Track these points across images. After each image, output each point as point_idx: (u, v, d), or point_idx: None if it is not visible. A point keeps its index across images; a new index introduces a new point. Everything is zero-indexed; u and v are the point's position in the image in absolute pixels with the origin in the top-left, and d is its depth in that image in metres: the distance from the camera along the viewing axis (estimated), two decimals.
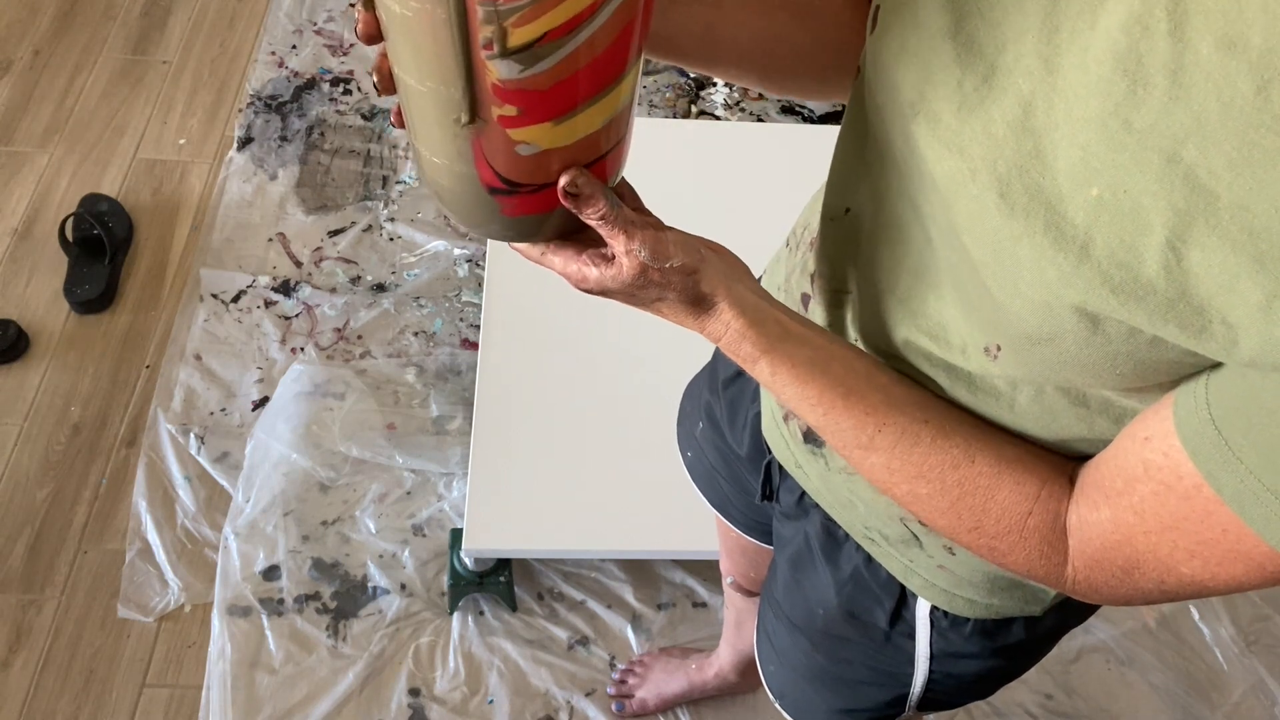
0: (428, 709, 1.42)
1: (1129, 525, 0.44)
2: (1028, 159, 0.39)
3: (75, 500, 1.58)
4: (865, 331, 0.59)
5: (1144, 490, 0.43)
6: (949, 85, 0.43)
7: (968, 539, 0.51)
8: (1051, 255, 0.39)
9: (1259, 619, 1.58)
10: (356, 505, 1.59)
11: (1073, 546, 0.47)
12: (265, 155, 2.03)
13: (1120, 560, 0.45)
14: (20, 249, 1.86)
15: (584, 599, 1.53)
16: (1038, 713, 1.48)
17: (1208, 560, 0.41)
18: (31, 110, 2.07)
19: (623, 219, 0.49)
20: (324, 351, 1.76)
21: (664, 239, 0.49)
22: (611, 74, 0.45)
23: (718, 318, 0.51)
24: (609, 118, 0.47)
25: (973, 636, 0.68)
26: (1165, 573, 0.43)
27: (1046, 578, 0.49)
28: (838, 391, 0.51)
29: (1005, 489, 0.49)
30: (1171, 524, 0.42)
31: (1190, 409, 0.40)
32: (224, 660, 1.44)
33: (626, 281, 0.50)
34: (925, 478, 0.50)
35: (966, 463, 0.50)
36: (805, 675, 0.82)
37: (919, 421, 0.50)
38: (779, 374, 0.51)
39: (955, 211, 0.44)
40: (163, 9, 2.28)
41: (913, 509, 0.52)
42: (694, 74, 2.23)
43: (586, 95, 0.44)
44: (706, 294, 0.51)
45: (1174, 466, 0.41)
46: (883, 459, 0.51)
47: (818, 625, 0.76)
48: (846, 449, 0.52)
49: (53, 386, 1.70)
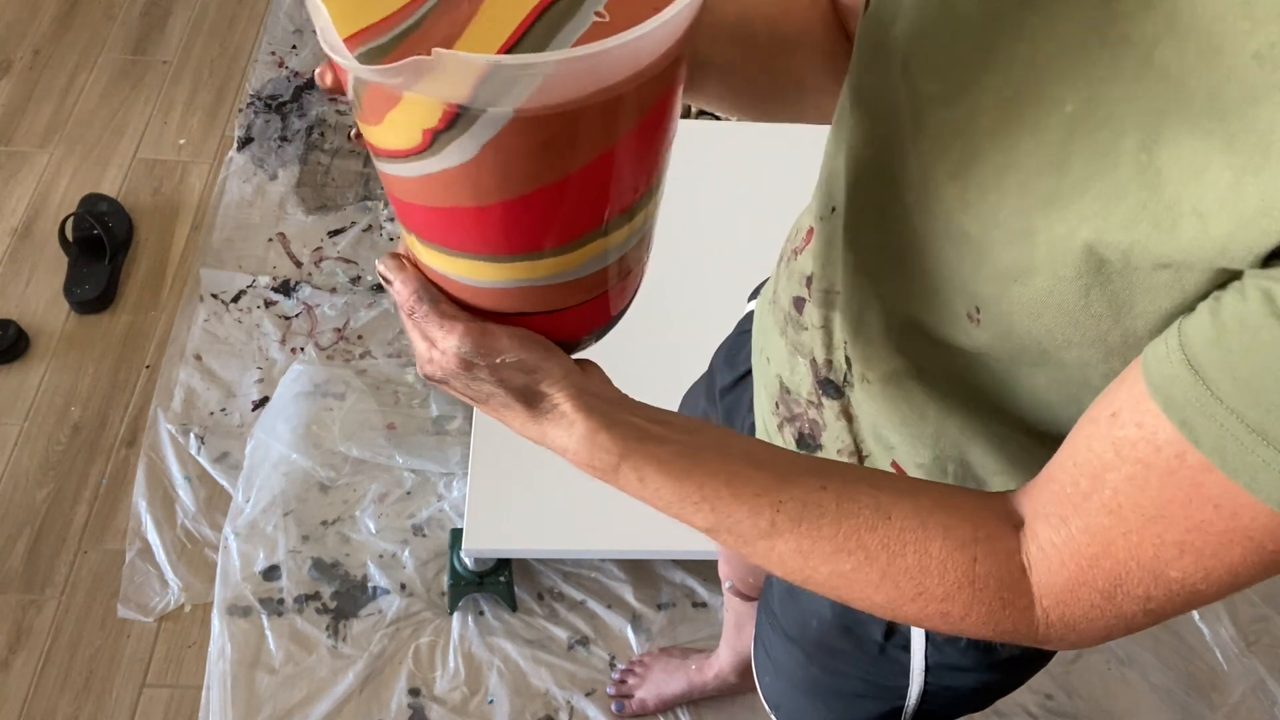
0: (428, 709, 1.42)
1: (1105, 529, 0.40)
2: (1014, 89, 0.41)
3: (75, 500, 1.58)
4: (857, 328, 0.59)
5: (1117, 479, 0.39)
6: (941, 21, 0.44)
7: (913, 610, 0.45)
8: (1034, 178, 0.40)
9: (1259, 619, 1.58)
10: (356, 505, 1.59)
11: (1037, 584, 0.43)
12: (265, 155, 2.03)
13: (1100, 581, 0.41)
14: (20, 249, 1.86)
15: (584, 599, 1.53)
16: (1038, 713, 1.48)
17: (1200, 552, 0.38)
18: (31, 110, 2.07)
19: (437, 314, 0.46)
20: (324, 351, 1.76)
21: (490, 332, 0.45)
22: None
23: (561, 421, 0.47)
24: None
25: (968, 650, 0.67)
26: (1152, 583, 0.40)
27: (1015, 631, 0.44)
28: (719, 479, 0.46)
29: (936, 538, 0.44)
30: (1155, 513, 0.38)
31: (1161, 356, 0.37)
32: (224, 660, 1.44)
33: (450, 371, 0.47)
34: (844, 550, 0.45)
35: (883, 521, 0.45)
36: (800, 687, 0.81)
37: (817, 489, 0.46)
38: (647, 478, 0.47)
39: (945, 160, 0.44)
40: (163, 9, 2.28)
41: (843, 594, 0.46)
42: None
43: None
44: (546, 394, 0.46)
45: (1150, 436, 0.38)
46: (790, 543, 0.46)
47: (812, 637, 0.76)
48: (749, 544, 0.47)
49: (53, 386, 1.70)
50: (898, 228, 0.51)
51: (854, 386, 0.62)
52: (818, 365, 0.65)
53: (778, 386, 0.70)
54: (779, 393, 0.70)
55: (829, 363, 0.64)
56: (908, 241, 0.50)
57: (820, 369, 0.65)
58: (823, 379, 0.65)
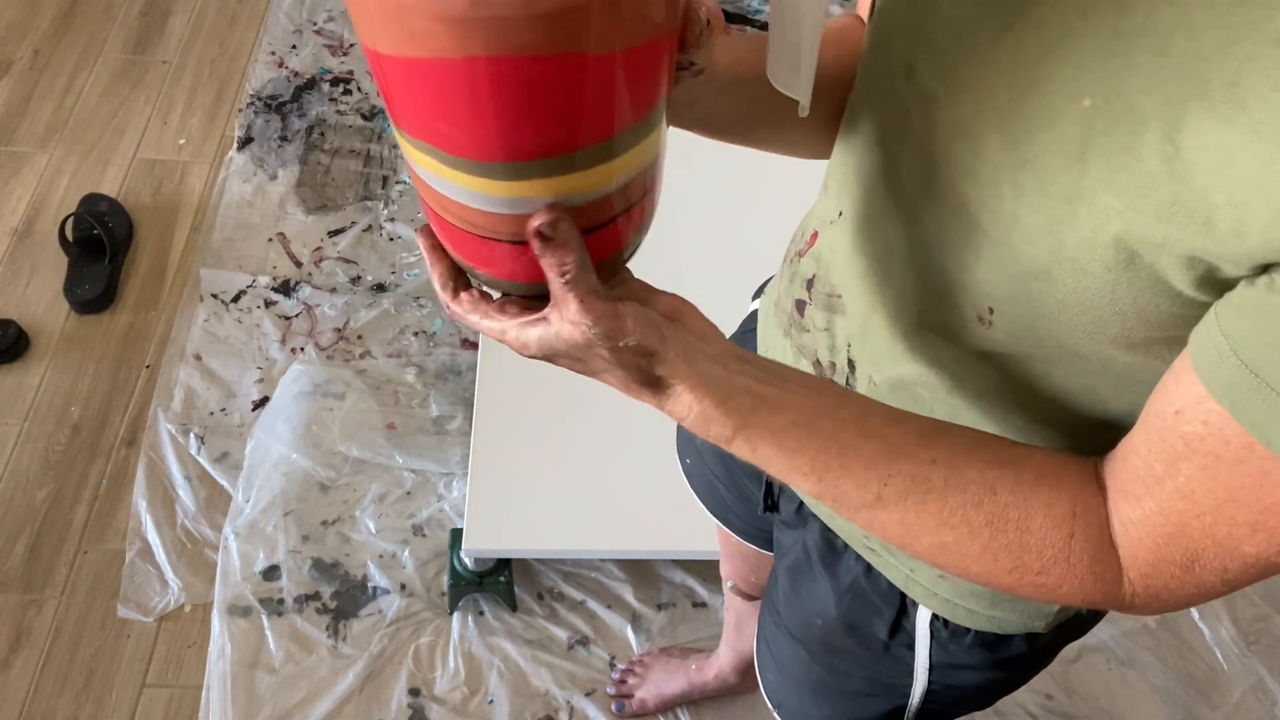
0: (428, 709, 1.42)
1: (1179, 512, 0.41)
2: (1026, 87, 0.41)
3: (75, 500, 1.58)
4: (863, 332, 0.59)
5: (1189, 468, 0.40)
6: (950, 26, 0.44)
7: (1009, 581, 0.46)
8: (1053, 174, 0.40)
9: (1259, 619, 1.58)
10: (356, 505, 1.59)
11: (1124, 556, 0.44)
12: (265, 155, 2.03)
13: (1177, 556, 0.42)
14: (20, 249, 1.86)
15: (584, 599, 1.53)
16: (1038, 713, 1.48)
17: (1272, 531, 0.39)
18: (31, 110, 2.07)
19: (586, 285, 0.43)
20: (324, 351, 1.76)
21: (621, 315, 0.44)
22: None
23: (678, 399, 0.46)
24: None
25: (973, 648, 0.67)
26: (1228, 557, 0.41)
27: (1105, 600, 0.45)
28: (830, 453, 0.46)
29: (1038, 514, 0.44)
30: (1226, 497, 0.39)
31: (1214, 360, 0.38)
32: (224, 660, 1.44)
33: (559, 349, 0.45)
34: (948, 524, 0.45)
35: (989, 497, 0.45)
36: (803, 685, 0.81)
37: (926, 464, 0.46)
38: (759, 449, 0.47)
39: (954, 159, 0.44)
40: (163, 9, 2.28)
41: (941, 563, 0.47)
42: None
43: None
44: (662, 377, 0.46)
45: (1216, 432, 0.38)
46: (895, 515, 0.46)
47: (816, 636, 0.76)
48: (852, 512, 0.48)
49: (53, 386, 1.70)
50: (907, 231, 0.51)
51: (856, 389, 0.62)
52: (821, 367, 0.65)
53: None
54: None
55: (832, 365, 0.64)
56: (917, 245, 0.50)
57: (824, 370, 0.65)
58: None
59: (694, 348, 0.46)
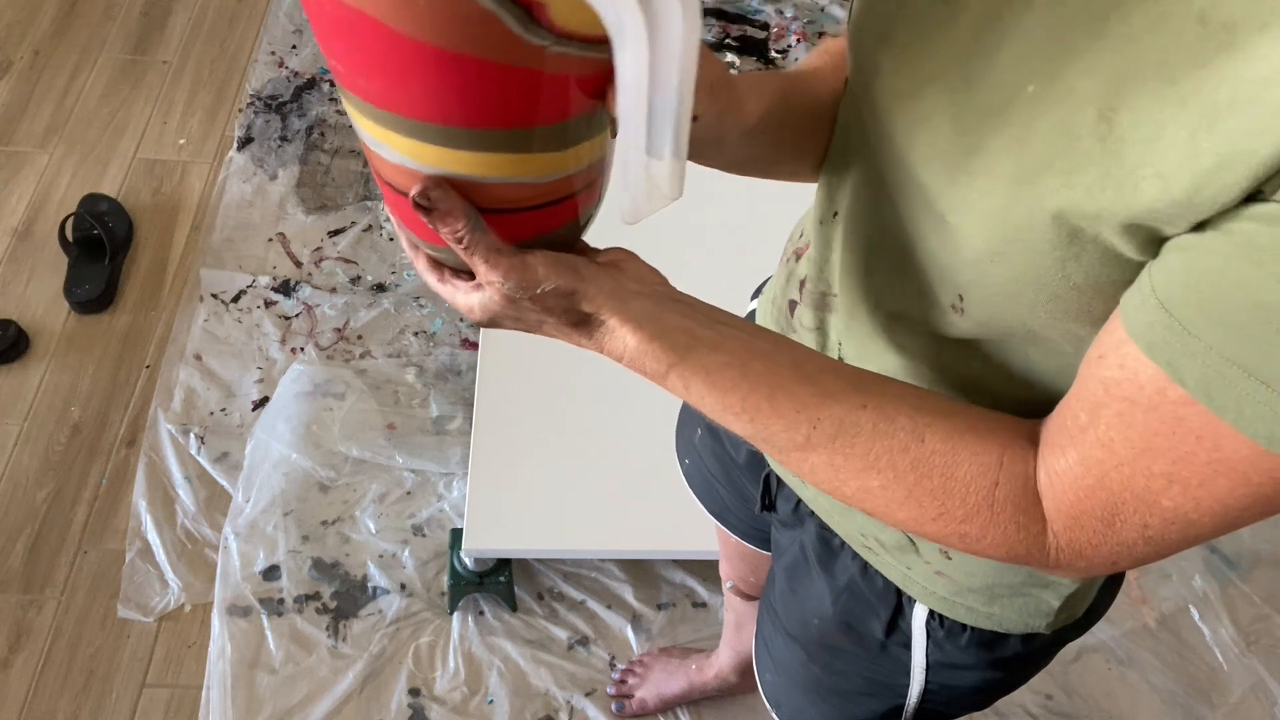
0: (428, 709, 1.42)
1: (1099, 462, 0.41)
2: (978, 77, 0.43)
3: (75, 500, 1.58)
4: (849, 327, 0.60)
5: (1108, 415, 0.41)
6: (913, 23, 0.46)
7: (934, 529, 0.47)
8: (999, 158, 0.41)
9: (1259, 619, 1.58)
10: (356, 505, 1.59)
11: (1048, 508, 0.44)
12: (265, 155, 2.03)
13: (1098, 509, 0.42)
14: (20, 249, 1.86)
15: (584, 599, 1.53)
16: (1038, 713, 1.48)
17: (1188, 483, 0.39)
18: (31, 110, 2.07)
19: (484, 245, 0.45)
20: (324, 351, 1.76)
21: (530, 264, 0.46)
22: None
23: (611, 336, 0.48)
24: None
25: (969, 647, 0.67)
26: (1147, 512, 0.41)
27: (1029, 554, 0.45)
28: (761, 394, 0.47)
29: (964, 463, 0.45)
30: (1143, 446, 0.40)
31: (1137, 303, 0.39)
32: (224, 660, 1.44)
33: (494, 310, 0.48)
34: (874, 468, 0.46)
35: (916, 443, 0.46)
36: (801, 685, 0.81)
37: (856, 408, 0.47)
38: (692, 387, 0.48)
39: (918, 151, 0.46)
40: (163, 9, 2.28)
41: (867, 506, 0.48)
42: None
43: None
44: (590, 314, 0.47)
45: (1132, 376, 0.39)
46: (824, 457, 0.47)
47: (813, 635, 0.76)
48: (783, 454, 0.49)
49: (53, 386, 1.70)
50: (889, 226, 0.52)
51: None
52: None
53: None
54: None
55: None
56: (896, 238, 0.52)
57: None
58: None
59: (624, 287, 0.48)
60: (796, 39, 2.29)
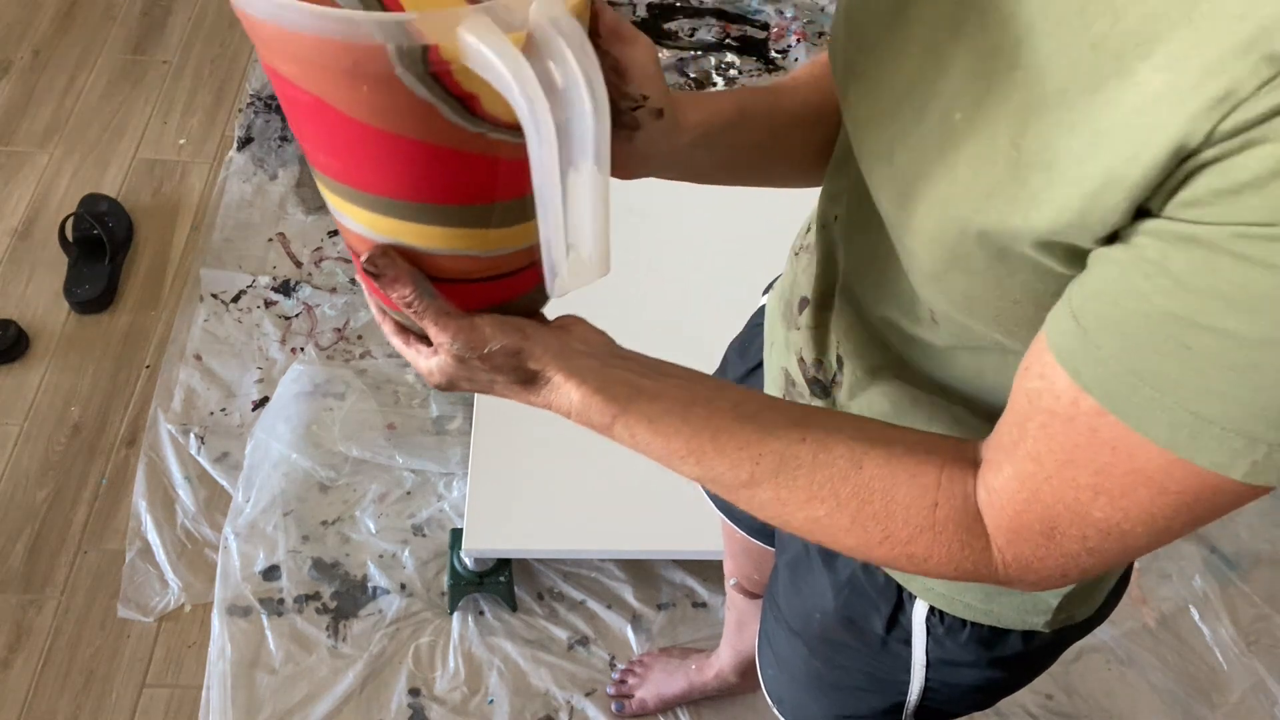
0: (428, 709, 1.42)
1: (1031, 475, 0.42)
2: (920, 106, 0.44)
3: (75, 500, 1.58)
4: (848, 329, 0.62)
5: (1033, 428, 0.41)
6: (870, 54, 0.48)
7: (882, 553, 0.48)
8: (934, 183, 0.43)
9: (1259, 619, 1.58)
10: (356, 505, 1.59)
11: (989, 525, 0.45)
12: (265, 155, 2.03)
13: (1036, 522, 0.43)
14: (20, 249, 1.86)
15: (584, 599, 1.53)
16: (1038, 713, 1.48)
17: (1112, 494, 0.40)
18: (31, 110, 2.07)
19: (433, 309, 0.47)
20: (324, 351, 1.76)
21: (477, 325, 0.48)
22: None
23: (556, 391, 0.50)
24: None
25: (969, 645, 0.67)
26: (1083, 525, 0.41)
27: (976, 570, 0.46)
28: (704, 436, 0.49)
29: (902, 485, 0.46)
30: (1066, 458, 0.40)
31: (1056, 314, 0.40)
32: (224, 660, 1.44)
33: (449, 373, 0.49)
34: (817, 498, 0.48)
35: (855, 470, 0.47)
36: (803, 680, 0.81)
37: (796, 442, 0.48)
38: (638, 434, 0.50)
39: (874, 175, 0.48)
40: (163, 9, 2.28)
41: (817, 536, 0.49)
42: (693, 75, 2.23)
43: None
44: (537, 371, 0.49)
45: (1050, 386, 0.40)
46: (769, 492, 0.49)
47: (814, 630, 0.76)
48: (732, 492, 0.50)
49: (53, 386, 1.70)
50: (874, 238, 0.54)
51: (842, 387, 0.64)
52: (806, 365, 0.67)
53: (784, 379, 0.71)
54: (784, 385, 0.72)
55: (819, 362, 0.66)
56: (878, 250, 0.54)
57: (809, 368, 0.67)
58: (811, 378, 0.67)
59: (570, 346, 0.50)
60: (796, 39, 2.29)
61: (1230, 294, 0.34)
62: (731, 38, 2.28)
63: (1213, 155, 0.33)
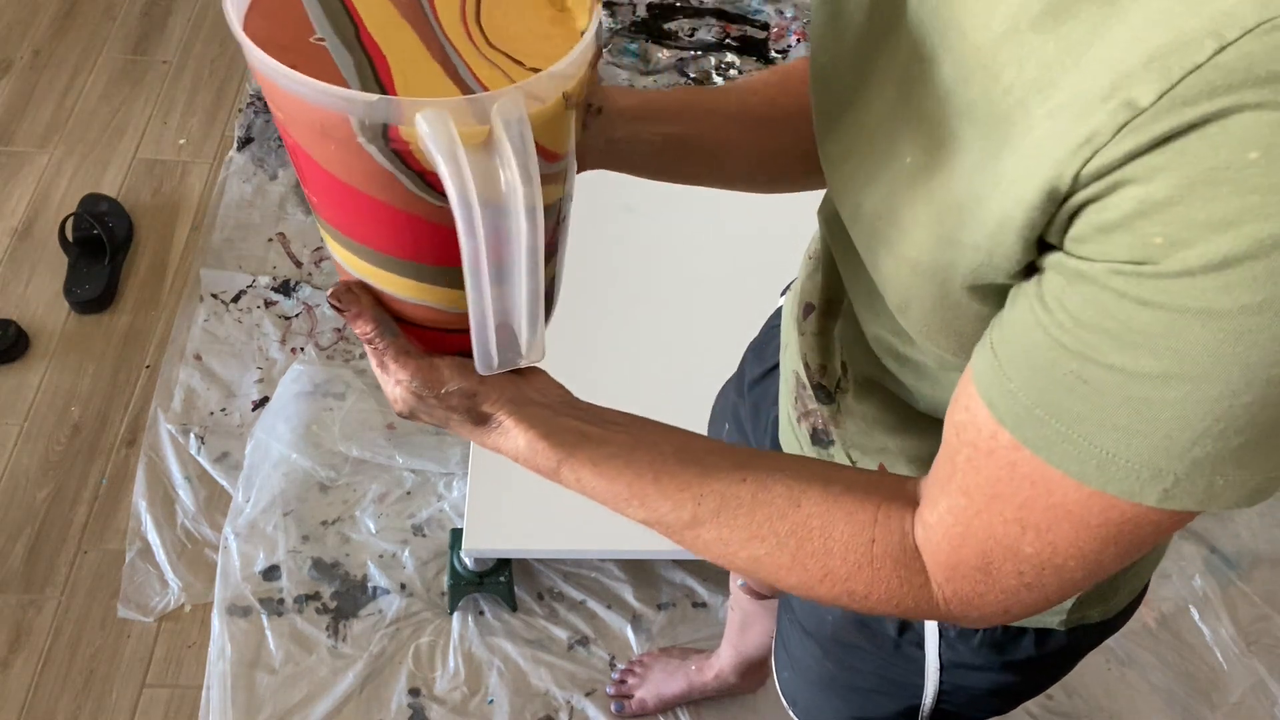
0: (428, 709, 1.42)
1: (963, 510, 0.42)
2: (881, 149, 0.45)
3: (75, 500, 1.58)
4: (850, 339, 0.62)
5: (961, 461, 0.42)
6: (837, 98, 0.48)
7: (824, 590, 0.48)
8: (892, 220, 0.44)
9: (1259, 619, 1.58)
10: (356, 505, 1.59)
11: (928, 561, 0.45)
12: (265, 155, 2.03)
13: (972, 557, 0.43)
14: (20, 249, 1.86)
15: (584, 599, 1.53)
16: (1038, 713, 1.48)
17: (1038, 528, 0.40)
18: (31, 110, 2.07)
19: (393, 348, 0.49)
20: (324, 351, 1.76)
21: (436, 366, 0.50)
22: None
23: (506, 435, 0.51)
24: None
25: (981, 648, 0.67)
26: (1016, 559, 0.41)
27: (917, 607, 0.46)
28: (647, 478, 0.50)
29: (840, 522, 0.47)
30: (992, 492, 0.41)
31: (979, 347, 0.41)
32: (224, 660, 1.44)
33: (410, 404, 0.51)
34: (758, 537, 0.48)
35: (793, 509, 0.48)
36: (816, 682, 0.82)
37: (736, 482, 0.49)
38: (583, 478, 0.51)
39: (844, 209, 0.49)
40: (163, 9, 2.28)
41: (760, 575, 0.50)
42: (694, 75, 2.23)
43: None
44: (489, 414, 0.51)
45: (973, 419, 0.41)
46: (712, 532, 0.49)
47: (828, 631, 0.76)
48: (677, 534, 0.51)
49: (53, 386, 1.70)
50: (859, 260, 0.54)
51: (846, 394, 0.64)
52: (811, 370, 0.67)
53: (794, 381, 0.72)
54: (795, 387, 0.72)
55: (823, 368, 0.67)
56: (865, 274, 0.54)
57: (814, 374, 0.67)
58: (816, 384, 0.67)
59: (524, 394, 0.52)
60: (796, 39, 2.29)
61: (1115, 330, 0.34)
62: (731, 38, 2.28)
63: (1085, 197, 0.34)
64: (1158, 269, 0.32)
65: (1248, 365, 0.32)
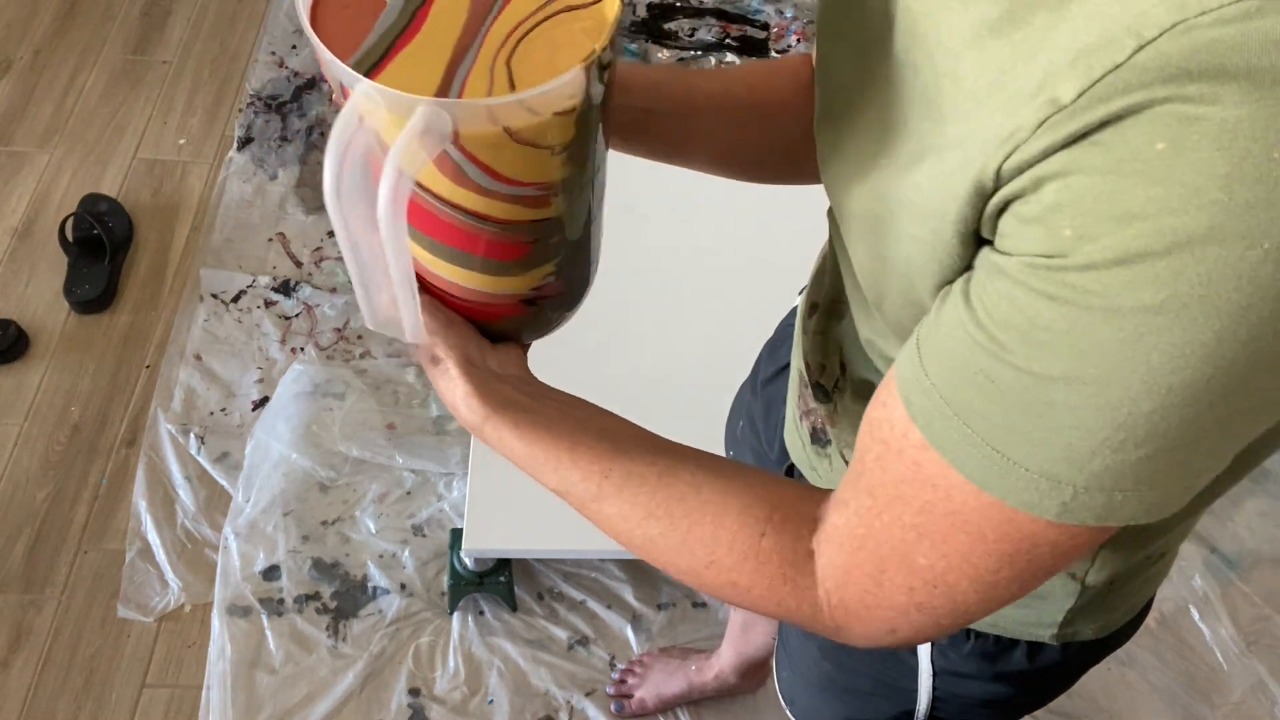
0: (428, 709, 1.42)
1: (866, 511, 0.42)
2: (859, 145, 0.45)
3: (75, 500, 1.58)
4: (847, 336, 0.62)
5: (870, 459, 0.41)
6: (837, 87, 0.49)
7: (709, 577, 0.48)
8: (867, 219, 0.44)
9: (1259, 619, 1.58)
10: (356, 505, 1.59)
11: (821, 565, 0.45)
12: (265, 155, 2.03)
13: (867, 563, 0.43)
14: (20, 249, 1.86)
15: (584, 599, 1.53)
16: (1038, 712, 1.48)
17: (934, 538, 0.39)
18: (31, 110, 2.07)
19: None
20: (324, 351, 1.76)
21: (427, 305, 0.53)
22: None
23: (449, 379, 0.53)
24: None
25: (971, 657, 0.67)
26: (909, 572, 0.41)
27: (799, 609, 0.46)
28: (562, 446, 0.51)
29: (733, 512, 0.47)
30: (895, 493, 0.40)
31: (908, 342, 0.40)
32: (224, 660, 1.44)
33: None
34: (654, 516, 0.49)
35: (693, 494, 0.48)
36: (814, 682, 0.82)
37: (647, 464, 0.50)
38: (504, 438, 0.52)
39: (836, 203, 0.50)
40: (163, 9, 2.28)
41: (653, 556, 0.51)
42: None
43: None
44: (441, 358, 0.53)
45: (889, 415, 0.40)
46: (614, 506, 0.50)
47: None
48: (584, 507, 0.52)
49: (53, 386, 1.70)
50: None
51: (844, 394, 0.65)
52: (811, 369, 0.68)
53: (799, 379, 0.72)
54: (800, 385, 0.72)
55: (822, 367, 0.67)
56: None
57: (814, 372, 0.67)
58: (814, 382, 0.67)
59: (479, 355, 0.54)
60: (797, 39, 2.29)
61: (1023, 327, 0.34)
62: (731, 38, 2.28)
63: (1010, 193, 0.34)
64: (1065, 262, 0.32)
65: (1149, 369, 0.32)
